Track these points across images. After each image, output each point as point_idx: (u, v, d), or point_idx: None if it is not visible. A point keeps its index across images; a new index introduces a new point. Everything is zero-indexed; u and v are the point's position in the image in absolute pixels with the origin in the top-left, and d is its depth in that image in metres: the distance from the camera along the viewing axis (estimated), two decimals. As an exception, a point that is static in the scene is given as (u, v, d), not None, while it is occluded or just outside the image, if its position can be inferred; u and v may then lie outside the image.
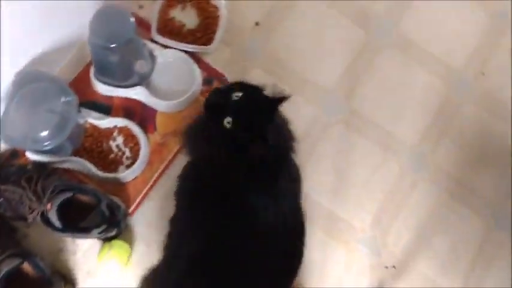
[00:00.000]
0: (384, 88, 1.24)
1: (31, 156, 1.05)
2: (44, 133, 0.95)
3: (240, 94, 0.81)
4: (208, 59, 1.20)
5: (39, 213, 0.96)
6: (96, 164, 1.07)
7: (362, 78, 1.24)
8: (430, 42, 1.27)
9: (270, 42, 1.24)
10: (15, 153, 1.08)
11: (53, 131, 0.96)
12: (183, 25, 1.23)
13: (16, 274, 0.95)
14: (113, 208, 0.99)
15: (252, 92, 0.84)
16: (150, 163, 1.11)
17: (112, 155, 1.11)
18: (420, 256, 1.13)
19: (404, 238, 1.14)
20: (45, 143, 0.96)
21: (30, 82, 0.97)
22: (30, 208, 0.97)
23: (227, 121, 0.79)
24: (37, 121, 0.95)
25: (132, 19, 1.01)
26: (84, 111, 1.09)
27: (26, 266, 0.96)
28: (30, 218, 0.97)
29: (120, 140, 1.12)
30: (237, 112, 0.80)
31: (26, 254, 0.96)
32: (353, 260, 1.12)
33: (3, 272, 0.91)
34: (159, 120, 1.15)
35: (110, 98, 1.15)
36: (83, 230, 0.99)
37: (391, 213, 1.15)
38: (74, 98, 0.98)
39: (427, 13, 1.30)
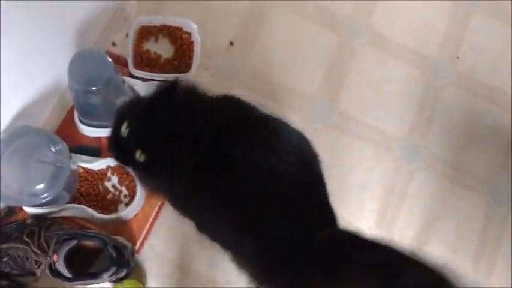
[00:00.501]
0: (366, 86, 1.26)
1: (29, 210, 1.04)
2: (40, 186, 0.95)
3: (126, 127, 0.75)
4: (190, 86, 1.21)
5: (47, 266, 0.95)
6: (95, 207, 1.07)
7: (343, 80, 1.26)
8: (401, 35, 1.30)
9: (247, 59, 1.26)
10: (11, 211, 1.08)
11: (48, 182, 0.95)
12: (159, 56, 1.23)
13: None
14: (119, 249, 0.98)
15: (135, 111, 0.78)
16: (148, 197, 1.11)
17: (109, 196, 1.10)
18: (429, 245, 1.15)
19: (410, 230, 1.15)
20: (43, 196, 0.95)
21: (18, 138, 0.97)
22: (36, 262, 0.96)
23: (139, 156, 0.74)
24: (31, 175, 0.95)
25: (109, 58, 1.01)
26: (74, 156, 1.09)
27: (41, 322, 0.95)
28: (38, 272, 0.96)
29: (115, 179, 1.11)
30: (139, 140, 0.74)
31: (39, 310, 0.95)
32: (364, 259, 1.13)
33: (19, 332, 0.90)
34: (150, 153, 1.15)
35: (98, 139, 1.14)
36: (93, 276, 0.97)
37: (394, 208, 1.17)
38: (63, 146, 0.98)
39: (393, 7, 1.32)
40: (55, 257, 0.94)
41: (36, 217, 1.04)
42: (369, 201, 1.17)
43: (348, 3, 1.32)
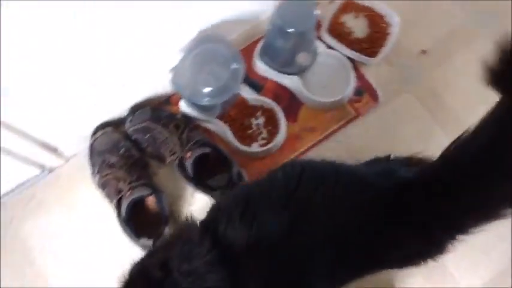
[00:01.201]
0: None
1: (183, 107, 1.13)
2: (207, 89, 1.03)
3: None
4: (366, 71, 1.21)
5: (178, 158, 1.04)
6: (234, 134, 1.14)
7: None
8: None
9: (431, 72, 1.22)
10: (167, 100, 1.18)
11: (215, 90, 1.03)
12: (352, 32, 1.25)
13: (141, 202, 1.04)
14: (241, 177, 1.04)
15: None
16: (281, 149, 1.15)
17: (250, 131, 1.16)
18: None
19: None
20: (204, 99, 1.03)
21: (209, 42, 1.05)
22: (171, 151, 1.06)
23: None
24: (205, 77, 1.03)
25: (316, 12, 1.05)
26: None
27: (151, 199, 1.05)
28: (169, 159, 1.06)
29: (261, 120, 1.17)
30: None
31: (155, 188, 1.05)
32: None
33: (134, 196, 1.00)
34: (302, 113, 1.18)
35: (265, 78, 1.20)
36: (208, 187, 1.05)
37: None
38: (242, 67, 1.05)
39: None
40: (188, 154, 1.03)
41: (185, 116, 1.14)
42: (482, 268, 1.08)
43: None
